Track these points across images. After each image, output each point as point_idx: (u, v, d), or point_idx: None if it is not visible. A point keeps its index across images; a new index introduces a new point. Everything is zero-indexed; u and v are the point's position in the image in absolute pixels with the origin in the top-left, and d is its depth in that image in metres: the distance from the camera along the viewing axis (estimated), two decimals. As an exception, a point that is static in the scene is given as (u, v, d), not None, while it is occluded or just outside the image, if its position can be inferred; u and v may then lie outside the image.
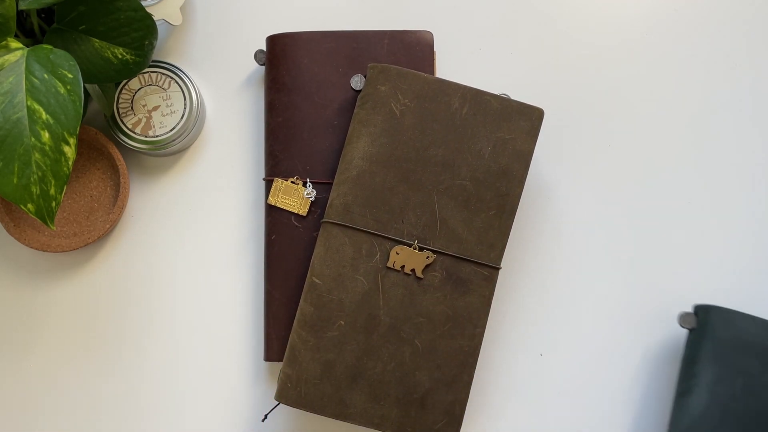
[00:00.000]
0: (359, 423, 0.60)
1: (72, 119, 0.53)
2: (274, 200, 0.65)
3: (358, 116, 0.62)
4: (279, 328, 0.64)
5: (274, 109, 0.66)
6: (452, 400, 0.60)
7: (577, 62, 0.70)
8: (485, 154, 0.61)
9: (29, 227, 0.67)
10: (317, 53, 0.66)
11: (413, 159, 0.61)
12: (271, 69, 0.67)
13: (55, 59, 0.54)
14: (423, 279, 0.60)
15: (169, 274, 0.69)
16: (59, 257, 0.69)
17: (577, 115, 0.69)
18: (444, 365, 0.60)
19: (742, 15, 0.70)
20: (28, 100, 0.53)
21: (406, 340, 0.60)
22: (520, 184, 0.61)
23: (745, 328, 0.60)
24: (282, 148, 0.66)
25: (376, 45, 0.66)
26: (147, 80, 0.67)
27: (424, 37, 0.66)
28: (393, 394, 0.60)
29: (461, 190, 0.61)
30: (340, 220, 0.60)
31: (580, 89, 0.70)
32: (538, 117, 0.61)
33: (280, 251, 0.65)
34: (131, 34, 0.60)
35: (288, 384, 0.59)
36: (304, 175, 0.65)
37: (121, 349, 0.68)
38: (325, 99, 0.66)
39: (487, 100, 0.61)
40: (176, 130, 0.66)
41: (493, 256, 0.61)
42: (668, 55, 0.70)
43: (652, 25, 0.70)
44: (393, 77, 0.61)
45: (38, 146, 0.53)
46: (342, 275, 0.60)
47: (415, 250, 0.60)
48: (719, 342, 0.60)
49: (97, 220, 0.68)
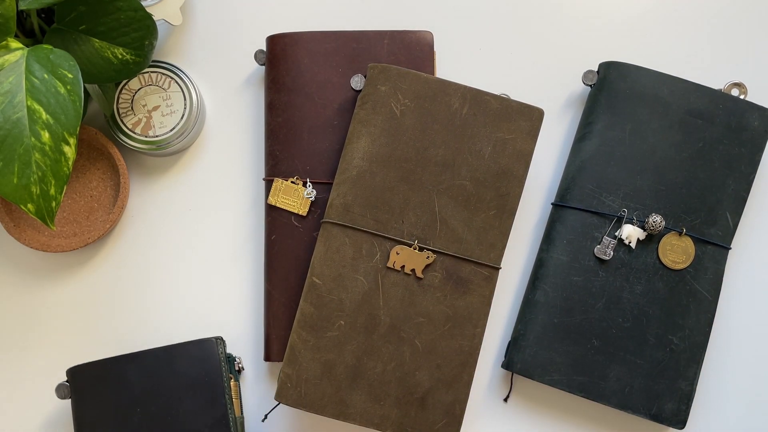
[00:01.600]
0: (359, 423, 0.60)
1: (72, 119, 0.53)
2: (274, 200, 0.65)
3: (358, 116, 0.62)
4: (279, 328, 0.64)
5: (274, 109, 0.66)
6: (452, 400, 0.60)
7: (577, 62, 0.70)
8: (485, 154, 0.61)
9: (29, 227, 0.67)
10: (317, 53, 0.66)
11: (413, 159, 0.61)
12: (271, 69, 0.67)
13: (55, 59, 0.54)
14: (423, 279, 0.60)
15: (169, 273, 0.69)
16: (59, 257, 0.69)
17: (577, 115, 0.69)
18: (444, 365, 0.60)
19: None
20: (28, 100, 0.53)
21: (406, 340, 0.60)
22: (520, 184, 0.61)
23: (639, 80, 0.64)
24: (282, 148, 0.66)
25: (376, 45, 0.66)
26: (147, 80, 0.67)
27: (424, 37, 0.66)
28: (393, 394, 0.60)
29: (461, 190, 0.61)
30: (340, 220, 0.60)
31: (580, 89, 0.70)
32: (538, 117, 0.61)
33: (280, 251, 0.65)
34: (131, 34, 0.60)
35: (288, 384, 0.59)
36: (304, 175, 0.65)
37: (121, 349, 0.68)
38: (325, 99, 0.66)
39: (487, 100, 0.61)
40: (176, 130, 0.66)
41: (493, 256, 0.61)
42: (669, 55, 0.70)
43: (653, 25, 0.70)
44: (393, 77, 0.61)
45: (38, 146, 0.53)
46: (342, 275, 0.60)
47: (415, 250, 0.60)
48: (614, 93, 0.64)
49: (97, 220, 0.68)
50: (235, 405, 0.62)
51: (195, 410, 0.59)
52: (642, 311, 0.63)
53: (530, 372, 0.63)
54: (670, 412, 0.62)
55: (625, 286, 0.63)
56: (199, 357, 0.60)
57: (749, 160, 0.64)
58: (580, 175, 0.64)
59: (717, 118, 0.64)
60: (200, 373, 0.60)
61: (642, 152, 0.64)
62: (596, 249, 0.63)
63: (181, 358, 0.60)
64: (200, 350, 0.60)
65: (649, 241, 0.63)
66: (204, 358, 0.60)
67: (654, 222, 0.62)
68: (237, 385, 0.63)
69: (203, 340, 0.61)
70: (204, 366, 0.60)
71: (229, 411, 0.60)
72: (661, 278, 0.63)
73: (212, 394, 0.60)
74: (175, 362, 0.60)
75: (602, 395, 0.62)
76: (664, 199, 0.63)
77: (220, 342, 0.61)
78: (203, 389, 0.60)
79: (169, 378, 0.60)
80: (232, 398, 0.61)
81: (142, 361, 0.60)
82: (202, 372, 0.60)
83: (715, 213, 0.63)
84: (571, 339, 0.63)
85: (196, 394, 0.60)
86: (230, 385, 0.61)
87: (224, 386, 0.60)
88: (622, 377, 0.62)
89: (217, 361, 0.60)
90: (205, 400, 0.60)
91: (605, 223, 0.63)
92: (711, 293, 0.64)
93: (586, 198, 0.64)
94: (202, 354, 0.60)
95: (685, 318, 0.63)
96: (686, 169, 0.63)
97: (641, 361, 0.62)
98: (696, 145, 0.64)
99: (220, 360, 0.60)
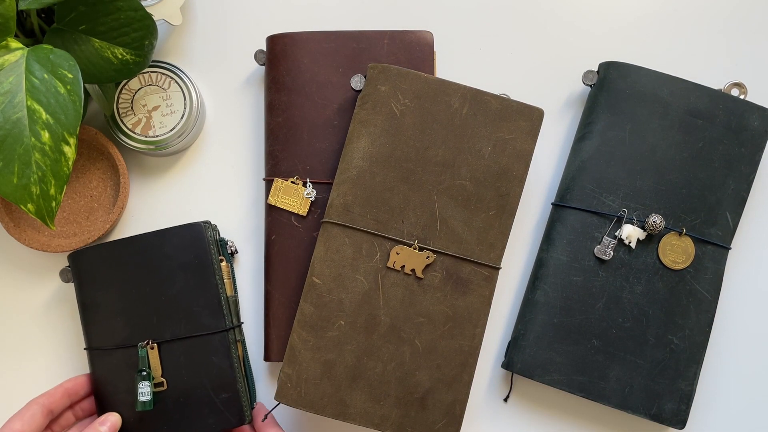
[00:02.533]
0: (359, 423, 0.59)
1: (72, 119, 0.53)
2: (274, 200, 0.65)
3: (358, 116, 0.62)
4: (279, 328, 0.64)
5: (274, 109, 0.66)
6: (452, 400, 0.60)
7: (577, 62, 0.70)
8: (485, 154, 0.61)
9: (29, 227, 0.67)
10: (317, 53, 0.66)
11: (413, 159, 0.61)
12: (271, 69, 0.67)
13: (55, 59, 0.54)
14: (423, 279, 0.60)
15: (169, 274, 0.69)
16: (59, 257, 0.69)
17: (577, 115, 0.69)
18: (444, 365, 0.60)
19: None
20: (28, 100, 0.53)
21: (406, 340, 0.60)
22: (520, 184, 0.61)
23: (639, 80, 0.64)
24: (282, 148, 0.66)
25: (376, 45, 0.66)
26: (147, 80, 0.67)
27: (424, 37, 0.66)
28: (393, 394, 0.60)
29: (461, 190, 0.61)
30: (340, 220, 0.60)
31: (580, 89, 0.70)
32: (538, 117, 0.61)
33: (280, 251, 0.65)
34: (131, 34, 0.60)
35: (288, 384, 0.59)
36: (304, 175, 0.65)
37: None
38: (325, 99, 0.66)
39: (487, 100, 0.61)
40: (176, 130, 0.66)
41: (493, 256, 0.61)
42: (669, 55, 0.70)
43: (653, 25, 0.70)
44: (393, 77, 0.61)
45: (38, 146, 0.53)
46: (342, 275, 0.60)
47: (415, 250, 0.60)
48: (614, 93, 0.65)
49: (97, 220, 0.68)
50: (228, 285, 0.64)
51: (187, 290, 0.62)
52: (642, 311, 0.63)
53: (530, 372, 0.63)
54: (670, 412, 0.62)
55: (625, 286, 0.63)
56: (189, 240, 0.63)
57: (749, 160, 0.64)
58: (580, 175, 0.64)
59: (717, 118, 0.64)
60: (190, 255, 0.62)
61: (642, 152, 0.64)
62: (596, 249, 0.63)
63: (172, 241, 0.63)
64: (190, 233, 0.63)
65: (649, 241, 0.63)
66: (193, 241, 0.63)
67: (654, 222, 0.62)
68: (229, 266, 0.65)
69: (192, 224, 0.63)
70: (194, 248, 0.62)
71: (221, 290, 0.62)
72: (661, 278, 0.63)
73: (203, 275, 0.62)
74: (166, 245, 0.63)
75: (602, 395, 0.62)
76: (664, 199, 0.63)
77: (208, 226, 0.63)
78: (194, 270, 0.62)
79: (161, 260, 0.62)
80: (223, 279, 0.63)
81: (136, 244, 0.63)
82: (192, 254, 0.62)
83: (715, 213, 0.63)
84: (571, 339, 0.63)
85: (188, 275, 0.62)
86: (221, 266, 0.63)
87: (214, 267, 0.62)
88: (622, 377, 0.62)
89: (205, 243, 0.62)
90: (197, 280, 0.62)
91: (605, 223, 0.63)
92: (711, 293, 0.63)
93: (586, 198, 0.64)
94: (192, 237, 0.63)
95: (685, 318, 0.63)
96: (686, 169, 0.63)
97: (641, 361, 0.62)
98: (696, 145, 0.64)
99: (209, 242, 0.63)
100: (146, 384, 0.61)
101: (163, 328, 0.62)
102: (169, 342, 0.62)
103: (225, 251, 0.65)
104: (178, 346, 0.62)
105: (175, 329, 0.62)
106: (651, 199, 0.63)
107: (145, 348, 0.62)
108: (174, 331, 0.62)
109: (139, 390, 0.61)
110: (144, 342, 0.62)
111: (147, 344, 0.62)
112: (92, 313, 0.63)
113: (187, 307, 0.62)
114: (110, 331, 0.63)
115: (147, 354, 0.62)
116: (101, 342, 0.63)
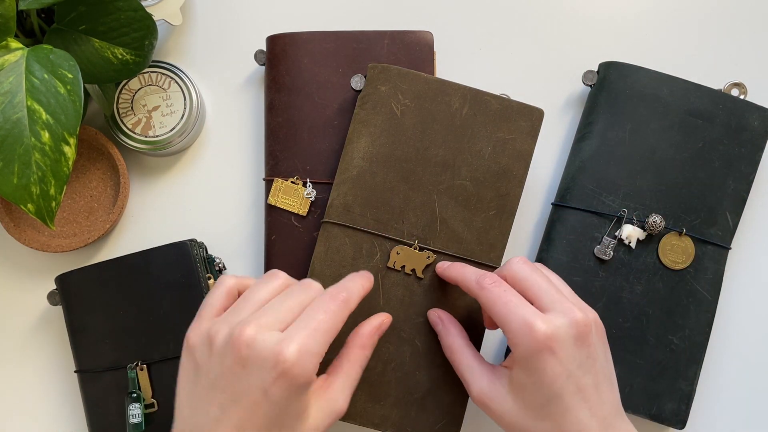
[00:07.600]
0: (359, 423, 0.59)
1: (72, 119, 0.53)
2: (274, 200, 0.65)
3: (358, 116, 0.62)
4: (279, 328, 0.64)
5: (274, 109, 0.66)
6: (452, 400, 0.60)
7: (577, 62, 0.70)
8: (485, 154, 0.61)
9: (29, 227, 0.67)
10: (317, 53, 0.66)
11: (413, 159, 0.61)
12: (271, 69, 0.67)
13: (55, 59, 0.54)
14: (423, 279, 0.60)
15: (169, 274, 0.69)
16: (59, 257, 0.69)
17: (577, 115, 0.69)
18: (444, 365, 0.60)
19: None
20: (28, 100, 0.53)
21: (406, 340, 0.60)
22: (520, 184, 0.61)
23: (639, 80, 0.64)
24: (282, 148, 0.66)
25: (376, 45, 0.66)
26: (147, 80, 0.67)
27: (424, 37, 0.66)
28: (393, 394, 0.59)
29: (461, 190, 0.61)
30: (340, 220, 0.60)
31: (580, 89, 0.70)
32: (538, 117, 0.61)
33: (280, 251, 0.65)
34: (131, 34, 0.60)
35: (288, 384, 0.59)
36: (304, 175, 0.65)
37: (121, 349, 0.68)
38: (325, 99, 0.66)
39: (487, 100, 0.61)
40: (176, 130, 0.66)
41: (493, 256, 0.61)
42: (669, 55, 0.70)
43: (653, 25, 0.70)
44: (393, 77, 0.61)
45: (38, 146, 0.53)
46: (342, 275, 0.60)
47: (415, 250, 0.60)
48: (614, 93, 0.64)
49: (97, 220, 0.68)
50: None
51: (175, 310, 0.62)
52: (642, 311, 0.63)
53: (530, 372, 0.63)
54: (670, 412, 0.62)
55: (625, 286, 0.63)
56: (175, 259, 0.62)
57: (749, 160, 0.64)
58: (580, 175, 0.64)
59: (717, 118, 0.64)
60: (177, 275, 0.62)
61: (642, 152, 0.64)
62: (596, 249, 0.63)
63: (157, 261, 0.62)
64: (175, 252, 0.62)
65: (649, 241, 0.63)
66: (179, 260, 0.62)
67: (654, 222, 0.62)
68: None
69: (178, 243, 0.63)
70: (180, 267, 0.62)
71: None
72: (661, 278, 0.63)
73: (190, 294, 0.62)
74: (151, 265, 0.62)
75: None
76: (664, 199, 0.63)
77: (194, 244, 0.63)
78: (181, 289, 0.62)
79: (148, 280, 0.62)
80: None
81: (122, 265, 0.63)
82: (179, 273, 0.62)
83: (715, 213, 0.63)
84: (571, 339, 0.63)
85: (175, 294, 0.62)
86: (208, 285, 0.63)
87: (201, 285, 0.62)
88: (622, 377, 0.62)
89: (191, 261, 0.62)
90: (184, 299, 0.62)
91: (605, 223, 0.63)
92: (711, 293, 0.64)
93: (586, 198, 0.64)
94: (178, 256, 0.62)
95: (685, 318, 0.63)
96: (686, 169, 0.63)
97: (641, 361, 0.62)
98: (696, 145, 0.64)
99: (195, 260, 0.62)
100: (137, 406, 0.61)
101: (152, 349, 0.62)
102: (159, 362, 0.62)
103: (212, 268, 0.65)
104: (168, 366, 0.61)
105: (165, 349, 0.61)
106: (651, 199, 0.63)
107: (134, 369, 0.61)
108: (163, 351, 0.61)
109: (130, 412, 0.60)
110: (133, 363, 0.61)
111: (136, 365, 0.61)
112: (81, 335, 0.63)
113: (175, 327, 0.61)
114: (99, 354, 0.62)
115: (137, 375, 0.61)
116: (91, 364, 0.62)
